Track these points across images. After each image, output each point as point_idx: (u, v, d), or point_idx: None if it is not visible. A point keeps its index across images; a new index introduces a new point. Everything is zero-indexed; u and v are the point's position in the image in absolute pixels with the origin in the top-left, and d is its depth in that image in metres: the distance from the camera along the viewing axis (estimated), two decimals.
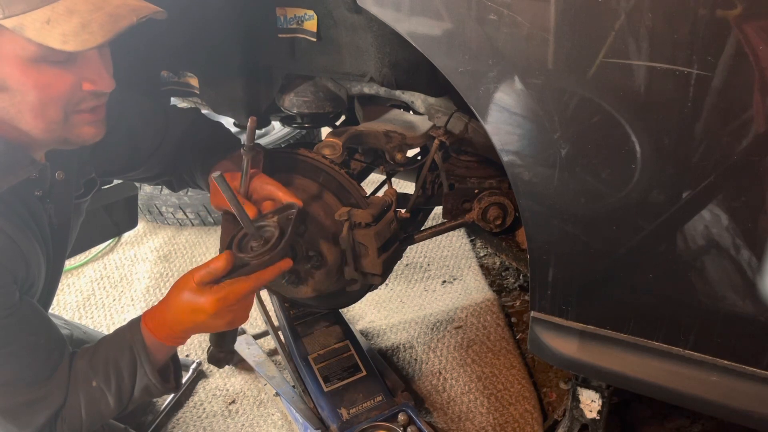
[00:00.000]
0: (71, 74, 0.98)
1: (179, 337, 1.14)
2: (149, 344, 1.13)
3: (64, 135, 1.04)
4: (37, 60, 0.93)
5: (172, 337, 1.14)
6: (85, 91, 1.00)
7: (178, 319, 1.10)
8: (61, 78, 0.97)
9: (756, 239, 0.86)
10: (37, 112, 0.98)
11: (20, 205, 1.08)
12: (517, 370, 1.84)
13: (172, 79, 1.47)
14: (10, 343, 1.05)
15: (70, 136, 1.04)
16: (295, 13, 1.20)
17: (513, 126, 0.94)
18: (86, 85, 1.00)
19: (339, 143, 1.36)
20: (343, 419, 1.50)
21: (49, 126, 1.00)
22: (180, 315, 1.10)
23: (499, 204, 1.42)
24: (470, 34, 0.90)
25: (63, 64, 0.96)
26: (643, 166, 0.87)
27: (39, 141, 1.04)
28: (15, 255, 1.04)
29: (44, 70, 0.95)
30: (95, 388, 1.12)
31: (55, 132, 1.02)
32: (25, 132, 1.01)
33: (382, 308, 2.17)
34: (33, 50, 0.92)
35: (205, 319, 1.08)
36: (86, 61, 0.99)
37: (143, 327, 1.14)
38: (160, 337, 1.13)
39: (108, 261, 2.49)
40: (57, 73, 0.96)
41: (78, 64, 0.98)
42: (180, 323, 1.11)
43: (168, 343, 1.15)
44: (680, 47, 0.78)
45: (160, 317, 1.13)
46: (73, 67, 0.98)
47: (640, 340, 1.02)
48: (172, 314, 1.11)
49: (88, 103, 1.03)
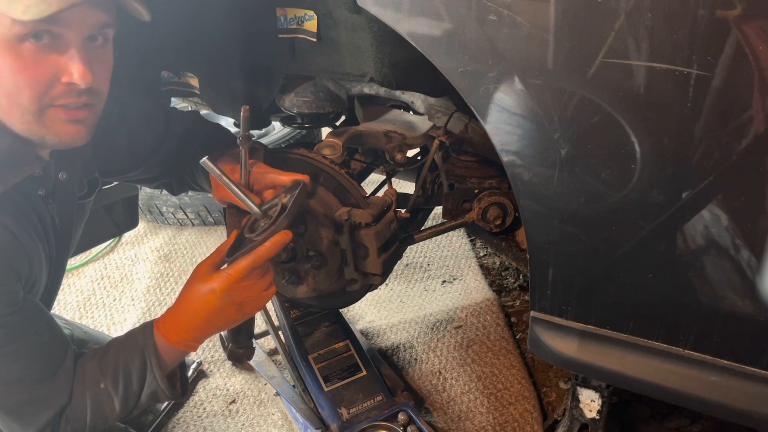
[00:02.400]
0: (50, 61, 0.97)
1: (192, 339, 1.15)
2: (161, 348, 1.14)
3: (41, 131, 1.01)
4: (12, 40, 0.93)
5: (185, 340, 1.14)
6: (62, 83, 0.98)
7: (193, 310, 1.12)
8: (38, 63, 0.96)
9: (756, 239, 0.86)
10: (11, 97, 0.97)
11: (24, 204, 1.08)
12: (517, 370, 1.84)
13: (172, 79, 1.47)
14: (14, 342, 1.04)
15: (48, 133, 1.02)
16: (295, 13, 1.20)
17: (513, 126, 0.94)
18: (64, 76, 0.98)
19: (339, 143, 1.36)
20: (343, 419, 1.50)
21: (23, 116, 0.99)
22: (194, 304, 1.11)
23: (499, 204, 1.42)
24: (470, 35, 0.90)
25: (45, 49, 0.95)
26: (642, 166, 0.87)
27: (20, 136, 1.02)
28: (18, 253, 1.04)
29: (23, 53, 0.94)
30: (103, 390, 1.12)
31: (30, 124, 1.00)
32: (5, 123, 1.00)
33: (382, 308, 2.17)
34: (8, 27, 0.91)
35: (216, 301, 1.10)
36: (68, 50, 0.98)
37: (156, 331, 1.14)
38: (174, 340, 1.14)
39: (108, 261, 2.49)
40: (34, 58, 0.95)
41: (59, 52, 0.97)
42: (195, 315, 1.12)
43: (180, 348, 1.15)
44: (680, 47, 0.78)
45: (173, 317, 1.14)
46: (52, 55, 0.97)
47: (640, 340, 1.02)
48: (187, 307, 1.12)
49: (66, 98, 1.00)
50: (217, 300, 1.10)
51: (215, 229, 2.65)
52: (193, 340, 1.15)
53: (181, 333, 1.13)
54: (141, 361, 1.13)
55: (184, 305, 1.13)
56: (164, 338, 1.13)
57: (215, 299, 1.10)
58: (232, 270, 1.10)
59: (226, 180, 1.13)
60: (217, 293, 1.10)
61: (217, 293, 1.10)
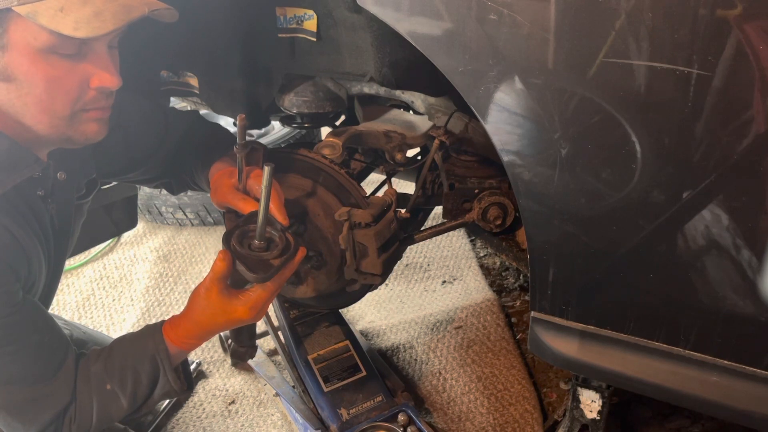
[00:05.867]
0: (80, 69, 0.98)
1: (203, 339, 1.19)
2: (171, 353, 1.17)
3: (68, 133, 1.04)
4: (47, 50, 0.94)
5: (195, 344, 1.19)
6: (93, 87, 1.00)
7: (213, 323, 1.15)
8: (70, 72, 0.97)
9: (756, 239, 0.86)
10: (44, 105, 0.98)
11: (23, 205, 1.08)
12: (518, 371, 1.84)
13: (172, 79, 1.47)
14: (14, 342, 1.05)
15: (74, 134, 1.04)
16: (294, 12, 1.20)
17: (513, 126, 0.94)
18: (94, 81, 1.00)
19: (339, 143, 1.36)
20: (343, 419, 1.50)
21: (53, 121, 1.00)
22: (214, 319, 1.14)
23: (499, 204, 1.42)
24: (470, 34, 0.90)
25: (72, 57, 0.97)
26: (643, 166, 0.87)
27: (42, 137, 1.03)
28: (17, 253, 1.05)
29: (54, 63, 0.95)
30: (109, 391, 1.14)
31: (59, 128, 1.02)
32: (28, 127, 1.01)
33: (382, 308, 2.17)
34: (44, 39, 0.92)
35: (239, 322, 1.16)
36: (95, 56, 0.99)
37: (165, 337, 1.17)
38: (183, 345, 1.17)
39: (107, 261, 2.49)
40: (66, 66, 0.96)
41: (87, 59, 0.99)
42: (212, 332, 1.17)
43: (186, 349, 1.19)
44: (680, 47, 0.78)
45: (187, 326, 1.16)
46: (83, 62, 0.98)
47: (640, 341, 1.02)
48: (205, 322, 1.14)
49: (96, 102, 1.03)
50: (242, 323, 1.16)
51: (215, 229, 2.64)
52: (199, 342, 1.20)
53: (193, 339, 1.18)
54: (152, 365, 1.15)
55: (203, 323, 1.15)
56: (173, 343, 1.17)
57: (240, 322, 1.16)
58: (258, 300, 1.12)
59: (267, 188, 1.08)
60: (243, 320, 1.14)
61: (243, 320, 1.14)
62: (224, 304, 1.11)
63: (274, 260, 1.11)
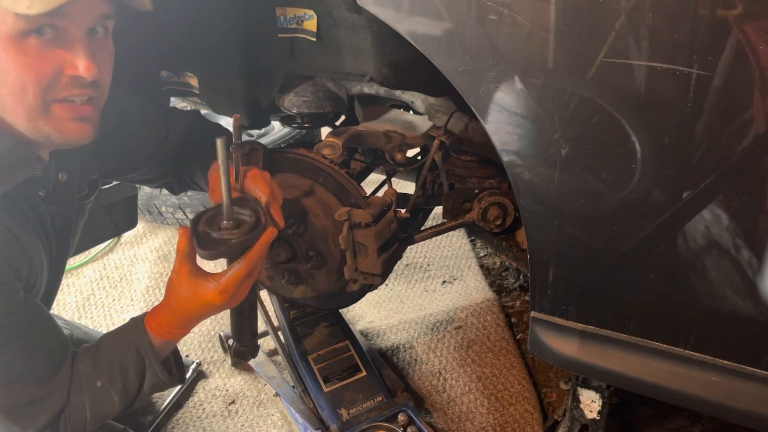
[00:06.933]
0: (53, 55, 0.96)
1: (184, 327, 1.15)
2: (156, 344, 1.15)
3: (47, 129, 1.00)
4: (19, 35, 0.92)
5: (178, 333, 1.15)
6: (67, 76, 0.97)
7: (189, 314, 1.12)
8: (42, 58, 0.95)
9: (756, 239, 0.86)
10: (17, 95, 0.96)
11: (24, 205, 1.08)
12: (518, 371, 1.84)
13: (172, 79, 1.47)
14: (14, 342, 1.04)
15: (54, 131, 1.01)
16: (294, 12, 1.20)
17: (513, 126, 0.94)
18: (68, 69, 0.97)
19: (339, 143, 1.36)
20: (343, 419, 1.50)
21: (29, 114, 0.98)
22: (191, 311, 1.11)
23: (499, 204, 1.42)
24: (470, 34, 0.90)
25: (47, 44, 0.94)
26: (643, 166, 0.87)
27: (24, 135, 1.01)
28: (18, 253, 1.04)
29: (27, 49, 0.93)
30: (100, 388, 1.13)
31: (36, 122, 0.99)
32: (9, 123, 0.99)
33: (382, 308, 2.17)
34: (11, 22, 0.90)
35: (214, 308, 1.11)
36: (70, 43, 0.97)
37: (147, 328, 1.15)
38: (165, 334, 1.14)
39: (107, 261, 2.49)
40: (38, 54, 0.94)
41: (63, 46, 0.96)
42: (192, 319, 1.14)
43: (170, 339, 1.16)
44: (680, 47, 0.78)
45: (165, 315, 1.13)
46: (57, 48, 0.96)
47: (640, 341, 1.02)
48: (179, 307, 1.11)
49: (70, 91, 0.99)
50: (216, 308, 1.11)
51: None
52: (184, 330, 1.17)
53: (175, 327, 1.14)
54: (137, 357, 1.13)
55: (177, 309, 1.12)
56: (156, 334, 1.14)
57: (213, 308, 1.11)
58: (229, 284, 1.07)
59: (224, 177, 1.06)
60: (216, 305, 1.09)
61: (216, 305, 1.09)
62: (194, 287, 1.08)
63: (234, 239, 1.07)
